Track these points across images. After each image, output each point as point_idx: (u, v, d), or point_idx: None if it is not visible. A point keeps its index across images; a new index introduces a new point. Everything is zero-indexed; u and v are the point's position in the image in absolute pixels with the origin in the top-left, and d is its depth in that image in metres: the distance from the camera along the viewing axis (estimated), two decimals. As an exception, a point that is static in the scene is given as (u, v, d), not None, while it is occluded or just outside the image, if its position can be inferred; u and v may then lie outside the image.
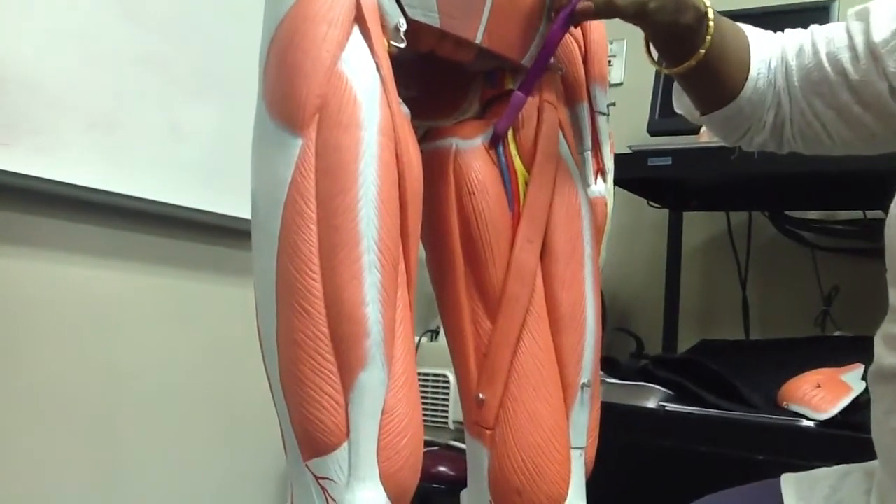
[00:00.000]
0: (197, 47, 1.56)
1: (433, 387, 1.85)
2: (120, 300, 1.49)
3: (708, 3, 0.84)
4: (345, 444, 0.66)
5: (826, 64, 0.86)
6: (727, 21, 0.87)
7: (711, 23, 0.83)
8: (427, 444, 1.79)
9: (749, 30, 0.91)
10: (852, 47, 0.84)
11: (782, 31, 0.92)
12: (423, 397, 1.84)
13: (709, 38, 0.83)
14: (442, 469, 1.67)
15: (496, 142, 0.82)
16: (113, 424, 1.48)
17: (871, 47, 0.83)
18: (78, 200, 1.40)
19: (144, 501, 1.53)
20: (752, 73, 0.88)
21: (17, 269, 1.35)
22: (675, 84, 0.93)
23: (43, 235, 1.38)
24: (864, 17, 0.84)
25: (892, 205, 0.79)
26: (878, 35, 0.82)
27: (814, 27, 0.89)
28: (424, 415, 1.85)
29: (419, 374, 1.96)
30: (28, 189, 1.32)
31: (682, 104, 0.96)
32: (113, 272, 1.49)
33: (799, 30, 0.91)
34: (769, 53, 0.89)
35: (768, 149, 0.94)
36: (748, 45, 0.89)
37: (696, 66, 0.85)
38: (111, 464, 1.48)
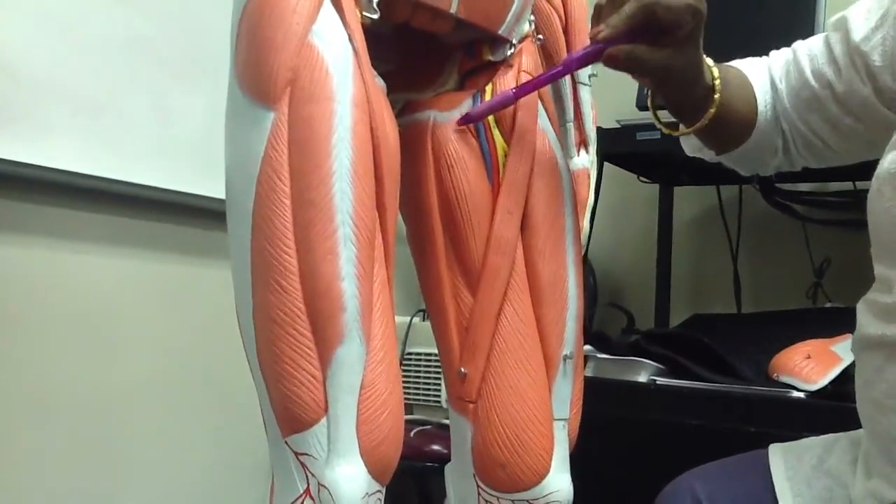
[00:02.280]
0: (185, 29, 1.55)
1: (426, 366, 1.85)
2: (109, 285, 1.49)
3: (711, 64, 0.85)
4: (323, 420, 0.65)
5: (812, 81, 0.88)
6: (728, 69, 0.89)
7: (718, 82, 0.84)
8: (420, 423, 1.80)
9: (743, 66, 0.93)
10: (833, 61, 0.87)
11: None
12: (415, 377, 1.86)
13: (716, 96, 0.84)
14: (435, 448, 1.67)
15: (467, 121, 0.81)
16: (107, 408, 1.48)
17: (851, 50, 0.85)
18: (65, 186, 1.39)
19: (139, 482, 1.53)
20: (760, 107, 0.90)
21: (3, 256, 1.34)
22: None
23: (30, 221, 1.38)
24: (841, 25, 0.87)
25: (874, 179, 0.78)
26: (858, 34, 0.85)
27: (796, 45, 0.92)
28: (417, 395, 1.88)
29: (411, 353, 1.97)
30: (14, 175, 1.31)
31: (692, 147, 0.97)
32: (102, 257, 1.48)
33: (783, 50, 0.93)
34: (766, 83, 0.92)
35: (784, 170, 0.96)
36: (751, 84, 0.91)
37: (707, 123, 0.86)
38: (106, 447, 1.48)
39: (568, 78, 0.93)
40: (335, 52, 0.67)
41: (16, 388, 1.35)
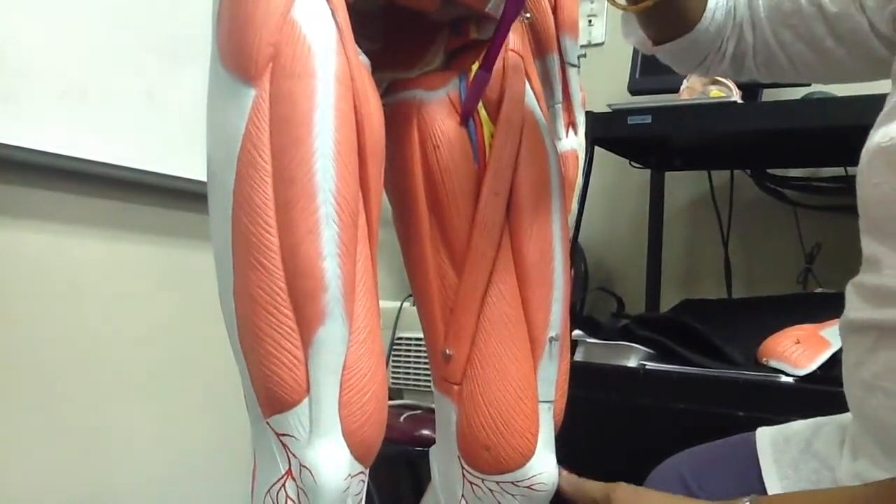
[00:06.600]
0: (173, 12, 1.53)
1: (415, 351, 1.84)
2: (97, 268, 1.48)
3: None
4: (305, 401, 0.64)
5: None
6: None
7: None
8: (410, 407, 1.80)
9: None
10: None
11: None
12: (405, 361, 1.85)
13: None
14: (425, 432, 1.67)
15: (465, 121, 0.79)
16: (93, 391, 1.47)
17: None
18: (53, 168, 1.38)
19: (127, 461, 1.53)
20: (711, 3, 0.85)
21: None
22: (624, 13, 0.89)
23: (16, 204, 1.36)
24: None
25: (863, 153, 0.78)
26: None
27: None
28: (407, 379, 1.87)
29: (401, 338, 1.96)
30: (1, 157, 1.30)
31: (632, 33, 0.93)
32: (88, 240, 1.47)
33: None
34: None
35: (726, 76, 0.92)
36: None
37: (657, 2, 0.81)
38: (91, 429, 1.47)
39: (557, 59, 0.92)
40: (318, 28, 0.66)
41: (3, 371, 1.34)
